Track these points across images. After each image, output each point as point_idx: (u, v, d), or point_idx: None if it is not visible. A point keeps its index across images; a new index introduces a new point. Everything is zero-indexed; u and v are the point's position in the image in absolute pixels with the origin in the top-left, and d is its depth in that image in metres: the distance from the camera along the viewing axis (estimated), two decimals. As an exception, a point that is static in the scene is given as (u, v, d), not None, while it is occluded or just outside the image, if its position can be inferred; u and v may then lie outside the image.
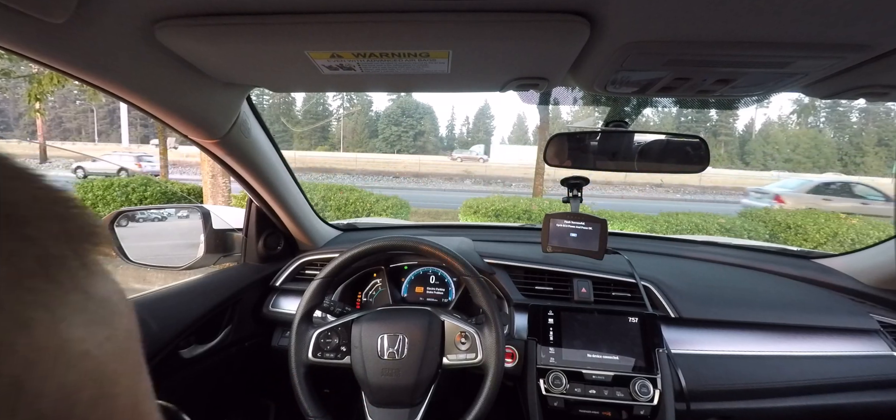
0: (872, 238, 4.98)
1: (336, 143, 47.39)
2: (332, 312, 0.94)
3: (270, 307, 1.14)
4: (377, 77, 0.65)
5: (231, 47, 0.55)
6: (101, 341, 0.13)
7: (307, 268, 1.18)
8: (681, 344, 0.95)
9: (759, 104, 25.64)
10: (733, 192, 18.98)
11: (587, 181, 1.12)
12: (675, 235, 1.54)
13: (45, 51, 0.51)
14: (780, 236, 5.80)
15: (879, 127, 40.81)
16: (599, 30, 0.50)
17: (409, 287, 1.16)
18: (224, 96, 0.74)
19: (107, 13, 0.48)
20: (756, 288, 1.09)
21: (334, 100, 46.82)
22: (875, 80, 0.61)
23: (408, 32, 0.51)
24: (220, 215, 1.19)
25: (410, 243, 0.93)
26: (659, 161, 1.00)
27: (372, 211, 5.78)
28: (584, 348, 0.91)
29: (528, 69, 0.62)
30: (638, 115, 1.16)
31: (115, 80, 0.60)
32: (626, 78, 0.64)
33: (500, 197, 6.62)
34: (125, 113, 29.10)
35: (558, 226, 1.10)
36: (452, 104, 64.05)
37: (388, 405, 0.84)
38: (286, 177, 1.06)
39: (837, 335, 0.97)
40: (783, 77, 0.62)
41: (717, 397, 0.93)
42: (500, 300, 1.05)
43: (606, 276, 1.05)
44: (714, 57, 0.55)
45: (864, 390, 0.93)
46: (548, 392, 0.88)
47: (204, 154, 0.88)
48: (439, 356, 0.85)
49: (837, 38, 0.50)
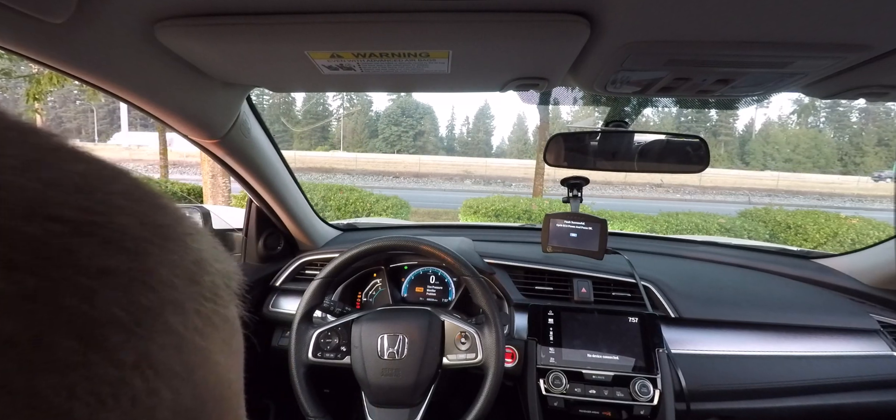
0: (872, 238, 4.98)
1: (336, 143, 47.37)
2: (332, 312, 0.94)
3: (270, 307, 1.14)
4: (377, 77, 0.65)
5: (231, 47, 0.55)
6: (227, 354, 0.17)
7: (307, 268, 1.18)
8: (681, 344, 0.95)
9: (759, 104, 25.63)
10: (734, 191, 18.99)
11: (587, 181, 1.12)
12: (675, 235, 1.54)
13: (45, 51, 0.51)
14: (780, 236, 5.80)
15: (879, 127, 40.81)
16: (599, 30, 0.50)
17: (409, 287, 1.16)
18: (224, 96, 0.74)
19: (107, 13, 0.48)
20: (756, 288, 1.09)
21: (334, 100, 46.85)
22: (875, 80, 0.61)
23: (408, 32, 0.51)
24: (220, 215, 1.19)
25: (410, 243, 0.93)
26: (659, 161, 1.00)
27: (372, 211, 5.78)
28: (584, 348, 0.91)
29: (528, 69, 0.62)
30: (638, 115, 1.16)
31: (115, 80, 0.59)
32: (626, 78, 0.64)
33: (500, 197, 6.62)
34: (125, 113, 29.11)
35: (558, 226, 1.10)
36: (452, 104, 64.03)
37: (388, 405, 0.84)
38: (286, 177, 1.06)
39: (837, 335, 0.96)
40: (783, 77, 0.62)
41: (717, 397, 0.93)
42: (500, 300, 1.05)
43: (606, 276, 1.05)
44: (714, 57, 0.55)
45: (864, 390, 0.93)
46: (548, 392, 0.88)
47: (204, 154, 0.88)
48: (439, 356, 0.85)
49: (837, 38, 0.50)
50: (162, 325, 0.13)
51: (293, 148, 39.25)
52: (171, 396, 0.13)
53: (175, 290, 0.14)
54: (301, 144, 44.14)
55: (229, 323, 0.17)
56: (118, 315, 0.12)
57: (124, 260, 0.13)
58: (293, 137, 44.44)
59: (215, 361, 0.16)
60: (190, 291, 0.15)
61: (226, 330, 0.17)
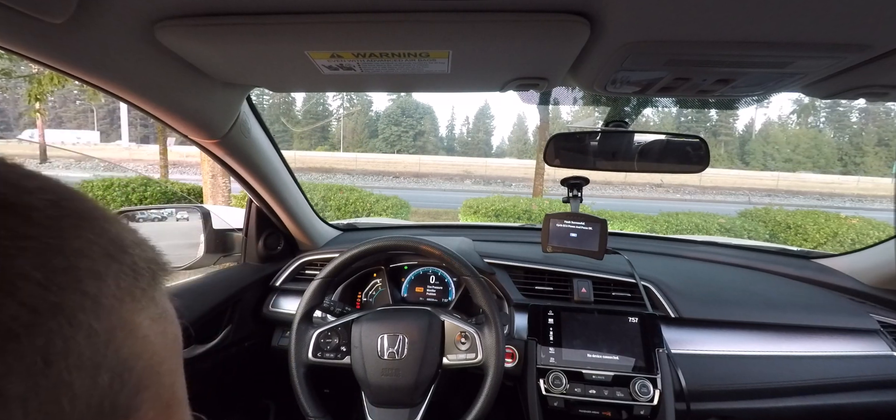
0: (872, 238, 4.98)
1: (336, 143, 47.33)
2: (332, 312, 0.94)
3: (270, 307, 1.14)
4: (377, 77, 0.65)
5: (231, 47, 0.55)
6: (157, 333, 0.19)
7: (307, 268, 1.18)
8: (681, 344, 0.95)
9: (759, 104, 25.64)
10: (734, 191, 18.99)
11: (587, 181, 1.12)
12: (675, 235, 1.54)
13: (45, 51, 0.51)
14: (780, 236, 5.80)
15: (879, 127, 40.78)
16: (599, 30, 0.50)
17: (409, 287, 1.16)
18: (224, 96, 0.74)
19: (107, 13, 0.48)
20: (756, 288, 1.09)
21: (334, 100, 46.82)
22: (875, 80, 0.61)
23: (408, 32, 0.51)
24: (220, 215, 1.19)
25: (410, 243, 0.93)
26: (659, 161, 1.00)
27: (372, 211, 5.78)
28: (584, 348, 0.91)
29: (528, 69, 0.62)
30: (638, 115, 1.16)
31: (115, 80, 0.59)
32: (626, 78, 0.64)
33: (500, 197, 6.62)
34: (125, 113, 29.08)
35: (558, 226, 1.10)
36: (452, 104, 64.00)
37: (388, 405, 0.84)
38: (286, 177, 1.06)
39: (837, 335, 0.96)
40: (783, 77, 0.62)
41: (717, 397, 0.93)
42: (500, 300, 1.05)
43: (606, 276, 1.05)
44: (714, 57, 0.55)
45: (864, 390, 0.93)
46: (548, 392, 0.88)
47: (204, 154, 0.88)
48: (439, 356, 0.85)
49: (837, 38, 0.50)
50: (75, 286, 0.16)
51: (293, 148, 39.22)
52: (86, 345, 0.15)
53: (90, 260, 0.17)
54: (301, 144, 44.10)
55: (156, 303, 0.20)
56: (30, 272, 0.15)
57: (40, 231, 0.16)
58: (293, 137, 44.40)
59: (142, 335, 0.18)
60: (107, 263, 0.17)
61: (152, 309, 0.19)
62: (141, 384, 0.18)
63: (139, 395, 0.17)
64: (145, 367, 0.18)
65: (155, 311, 0.19)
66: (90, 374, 0.15)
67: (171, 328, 0.21)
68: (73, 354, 0.15)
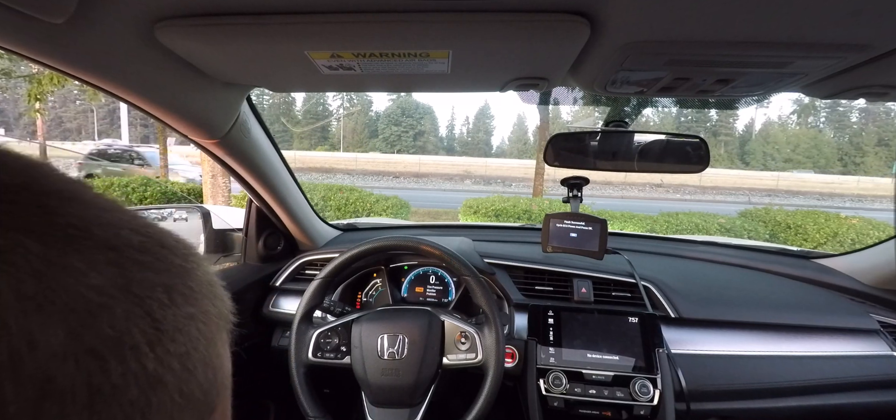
0: (872, 238, 4.98)
1: (336, 143, 47.33)
2: (332, 312, 0.94)
3: (270, 307, 1.14)
4: (377, 77, 0.65)
5: (231, 47, 0.55)
6: (226, 357, 0.25)
7: (307, 268, 1.18)
8: (681, 344, 0.95)
9: (759, 104, 25.64)
10: (734, 191, 18.99)
11: (587, 181, 1.12)
12: (675, 235, 1.54)
13: (45, 51, 0.51)
14: (780, 236, 5.81)
15: (879, 127, 40.78)
16: (599, 30, 0.50)
17: (409, 287, 1.16)
18: (224, 96, 0.74)
19: (107, 13, 0.48)
20: (756, 288, 1.09)
21: (334, 100, 46.81)
22: (875, 80, 0.61)
23: (408, 32, 0.51)
24: (220, 215, 1.20)
25: (410, 243, 0.93)
26: (659, 161, 1.00)
27: (372, 211, 5.78)
28: (584, 348, 0.91)
29: (528, 69, 0.62)
30: (638, 115, 1.16)
31: (115, 81, 0.60)
32: (626, 78, 0.64)
33: (500, 197, 6.62)
34: (125, 113, 29.04)
35: (558, 226, 1.10)
36: (452, 104, 63.99)
37: (388, 405, 0.84)
38: (286, 177, 1.06)
39: (837, 335, 0.96)
40: (783, 77, 0.62)
41: (717, 397, 0.93)
42: (500, 300, 1.05)
43: (606, 276, 1.05)
44: (714, 57, 0.55)
45: (864, 390, 0.93)
46: (548, 392, 0.88)
47: (204, 154, 0.88)
48: (439, 356, 0.85)
49: (837, 38, 0.50)
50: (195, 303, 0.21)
51: (293, 148, 39.22)
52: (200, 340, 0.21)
53: (201, 285, 0.22)
54: (301, 144, 44.10)
55: (225, 339, 0.25)
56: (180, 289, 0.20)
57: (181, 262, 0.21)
58: (293, 137, 44.41)
59: (220, 352, 0.23)
60: (207, 303, 0.23)
61: (225, 337, 0.25)
62: (221, 386, 0.23)
63: (219, 394, 0.23)
64: (223, 379, 0.23)
65: (225, 338, 0.25)
66: (202, 360, 0.21)
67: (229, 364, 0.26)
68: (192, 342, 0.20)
